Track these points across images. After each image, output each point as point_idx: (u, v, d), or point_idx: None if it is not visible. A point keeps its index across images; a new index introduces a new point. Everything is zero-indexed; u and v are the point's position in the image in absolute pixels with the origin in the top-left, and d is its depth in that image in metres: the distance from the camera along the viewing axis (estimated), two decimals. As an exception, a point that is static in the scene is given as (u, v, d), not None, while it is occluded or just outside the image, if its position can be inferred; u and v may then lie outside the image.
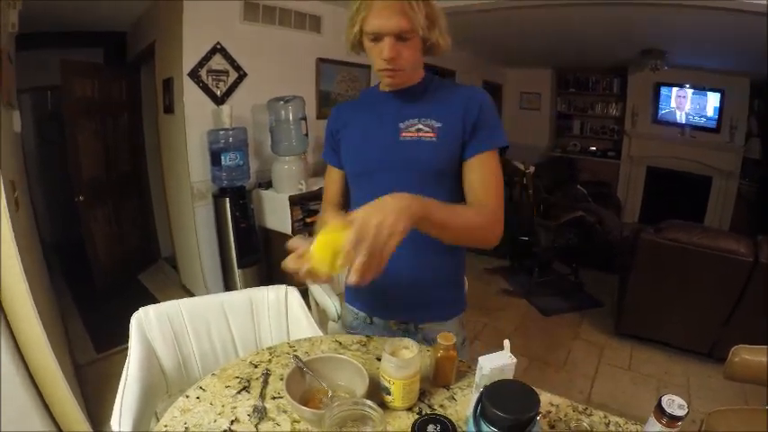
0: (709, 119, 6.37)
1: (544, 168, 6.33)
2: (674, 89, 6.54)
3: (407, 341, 1.03)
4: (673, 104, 6.62)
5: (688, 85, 6.40)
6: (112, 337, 3.16)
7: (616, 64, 6.66)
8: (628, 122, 7.01)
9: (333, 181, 1.44)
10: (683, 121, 6.57)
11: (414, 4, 1.07)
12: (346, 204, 1.45)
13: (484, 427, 0.76)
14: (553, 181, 6.24)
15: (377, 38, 1.11)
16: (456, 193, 1.25)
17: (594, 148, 7.54)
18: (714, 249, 2.96)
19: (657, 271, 3.20)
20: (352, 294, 1.44)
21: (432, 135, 1.20)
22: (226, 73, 3.44)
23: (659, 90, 6.64)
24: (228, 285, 3.56)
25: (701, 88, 6.33)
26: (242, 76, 3.54)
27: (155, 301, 1.40)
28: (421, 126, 1.22)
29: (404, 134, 1.23)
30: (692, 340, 3.23)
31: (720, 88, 6.15)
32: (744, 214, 6.19)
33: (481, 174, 1.21)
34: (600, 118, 7.50)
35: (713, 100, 6.27)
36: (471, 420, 0.80)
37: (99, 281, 4.06)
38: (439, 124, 1.21)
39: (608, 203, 6.20)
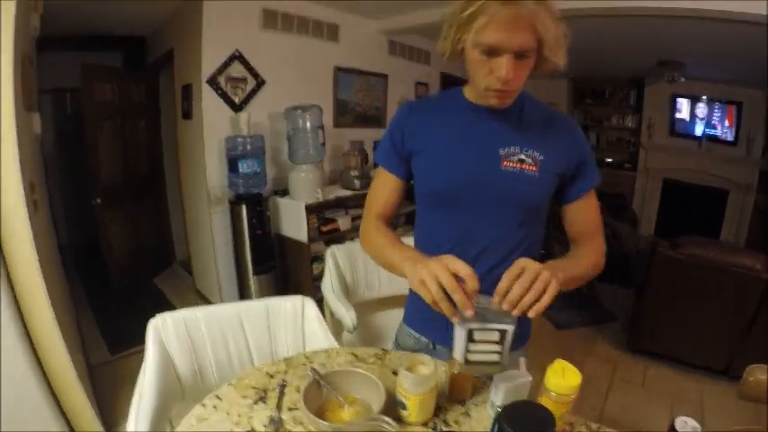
0: (726, 131, 6.31)
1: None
2: (691, 101, 6.48)
3: (424, 357, 1.03)
4: (690, 117, 6.56)
5: (705, 97, 6.34)
6: (126, 340, 3.19)
7: (633, 75, 6.63)
8: (644, 134, 6.96)
9: (385, 189, 1.28)
10: (700, 134, 6.50)
11: (545, 19, 0.92)
12: (394, 217, 1.32)
13: (501, 448, 0.76)
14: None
15: (493, 52, 0.96)
16: (542, 228, 1.22)
17: (611, 160, 7.47)
18: (730, 266, 2.94)
19: (673, 286, 3.17)
20: (418, 319, 1.32)
21: (534, 169, 1.10)
22: (244, 80, 3.46)
23: (676, 102, 6.57)
24: (243, 291, 3.57)
25: (718, 100, 6.27)
26: (260, 83, 3.57)
27: (169, 304, 1.41)
28: (524, 157, 1.10)
29: (505, 163, 1.10)
30: (707, 357, 3.19)
31: (738, 101, 6.09)
32: (760, 227, 6.11)
33: (588, 212, 1.20)
34: (616, 129, 7.43)
35: (731, 112, 6.22)
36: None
37: (114, 283, 4.11)
38: (542, 157, 1.10)
39: (624, 216, 6.15)
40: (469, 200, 1.13)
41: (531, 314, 0.87)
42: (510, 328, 0.90)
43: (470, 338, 0.90)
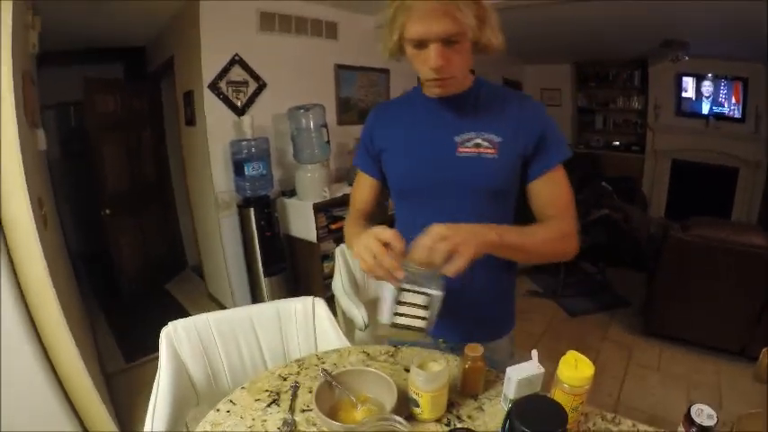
0: (733, 108, 6.22)
1: (568, 165, 6.22)
2: (697, 79, 6.39)
3: (436, 354, 1.03)
4: (696, 95, 6.47)
5: (711, 75, 6.25)
6: (141, 347, 3.23)
7: (636, 56, 6.56)
8: (650, 115, 6.88)
9: (363, 189, 1.35)
10: (707, 112, 6.41)
11: (460, 3, 0.93)
12: (375, 214, 1.36)
13: (513, 443, 0.76)
14: (577, 178, 6.15)
15: (421, 44, 0.99)
16: (513, 213, 1.20)
17: (618, 143, 7.41)
18: (743, 245, 2.91)
19: (686, 269, 3.15)
20: None
21: (492, 151, 1.10)
22: (245, 84, 3.47)
23: (681, 81, 6.49)
24: (255, 294, 3.59)
25: (723, 77, 6.18)
26: (261, 86, 3.57)
27: (182, 310, 1.42)
28: (480, 141, 1.11)
29: (461, 149, 1.11)
30: (723, 339, 3.16)
31: (743, 76, 6.00)
32: (772, 204, 6.04)
33: (553, 190, 1.16)
34: (622, 112, 7.35)
35: (737, 89, 6.12)
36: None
37: (126, 291, 4.14)
38: (499, 139, 1.10)
39: (634, 199, 6.11)
40: (432, 190, 1.16)
41: (446, 271, 0.90)
42: (436, 293, 0.93)
43: (397, 300, 0.94)
